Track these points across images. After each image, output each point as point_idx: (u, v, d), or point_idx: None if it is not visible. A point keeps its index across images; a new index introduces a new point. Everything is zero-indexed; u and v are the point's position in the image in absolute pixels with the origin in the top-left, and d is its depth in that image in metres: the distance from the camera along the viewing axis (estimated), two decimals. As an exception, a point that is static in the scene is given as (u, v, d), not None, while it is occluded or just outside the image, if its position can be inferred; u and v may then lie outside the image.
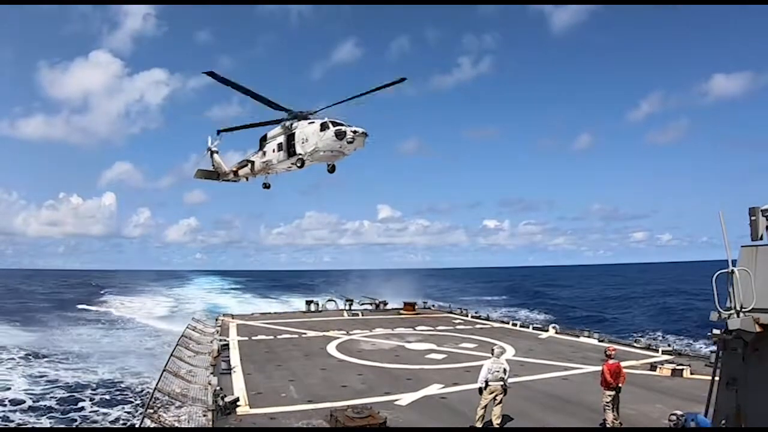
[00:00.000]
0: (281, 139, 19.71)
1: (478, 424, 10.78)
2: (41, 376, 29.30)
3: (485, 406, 10.78)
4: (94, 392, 26.22)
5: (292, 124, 19.23)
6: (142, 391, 25.65)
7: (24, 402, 24.44)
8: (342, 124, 17.76)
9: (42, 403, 24.58)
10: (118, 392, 26.33)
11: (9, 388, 26.50)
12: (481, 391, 10.83)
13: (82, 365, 32.42)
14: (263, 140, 21.04)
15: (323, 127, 17.93)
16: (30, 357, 34.35)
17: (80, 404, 24.33)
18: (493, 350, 11.46)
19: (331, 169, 19.03)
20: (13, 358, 33.65)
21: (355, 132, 17.43)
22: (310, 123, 18.61)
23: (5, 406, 23.64)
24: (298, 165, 19.19)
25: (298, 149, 18.77)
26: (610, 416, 10.61)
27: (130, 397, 25.32)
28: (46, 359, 34.05)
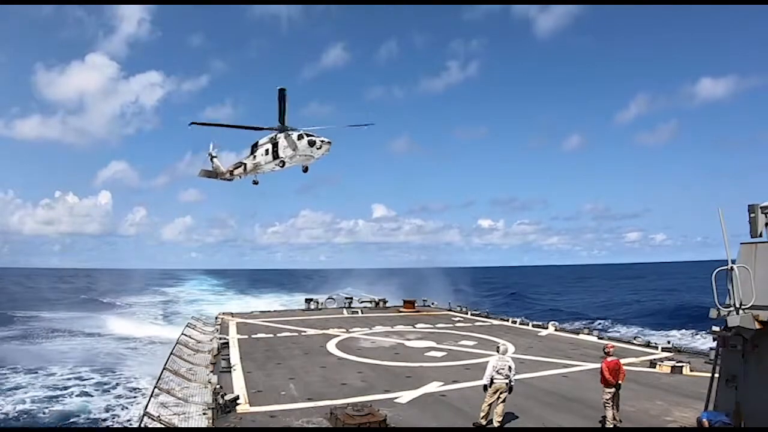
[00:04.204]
0: (268, 146, 24.47)
1: (483, 422, 10.80)
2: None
3: (490, 404, 10.78)
4: (92, 392, 26.24)
5: (276, 135, 23.81)
6: (142, 389, 25.68)
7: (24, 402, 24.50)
8: (314, 135, 22.72)
9: (40, 404, 24.61)
10: (117, 390, 26.36)
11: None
12: (485, 388, 10.83)
13: (80, 365, 32.39)
14: (254, 147, 25.47)
15: (300, 137, 22.88)
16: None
17: (79, 404, 24.35)
18: (498, 347, 11.47)
19: (305, 170, 24.12)
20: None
21: (322, 141, 22.63)
22: (290, 134, 23.17)
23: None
24: (280, 166, 24.16)
25: (281, 153, 23.72)
26: (610, 413, 10.60)
27: (130, 396, 25.34)
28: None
